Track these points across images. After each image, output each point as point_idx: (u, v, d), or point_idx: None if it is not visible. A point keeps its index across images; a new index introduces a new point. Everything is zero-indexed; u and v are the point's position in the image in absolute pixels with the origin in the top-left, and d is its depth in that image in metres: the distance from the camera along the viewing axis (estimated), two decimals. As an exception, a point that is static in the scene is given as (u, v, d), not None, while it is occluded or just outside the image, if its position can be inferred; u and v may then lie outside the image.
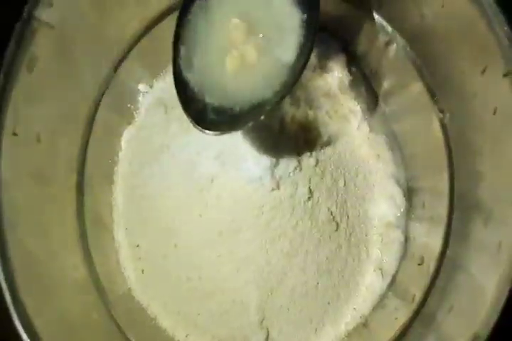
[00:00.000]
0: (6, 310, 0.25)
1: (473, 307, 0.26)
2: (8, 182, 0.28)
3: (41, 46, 0.32)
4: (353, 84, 0.39)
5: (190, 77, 0.28)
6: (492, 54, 0.29)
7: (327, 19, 0.39)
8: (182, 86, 0.28)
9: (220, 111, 0.28)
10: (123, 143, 0.40)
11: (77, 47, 0.35)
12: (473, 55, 0.30)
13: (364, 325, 0.35)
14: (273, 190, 0.33)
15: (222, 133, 0.28)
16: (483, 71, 0.30)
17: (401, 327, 0.33)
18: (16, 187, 0.29)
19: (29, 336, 0.25)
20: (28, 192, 0.31)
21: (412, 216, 0.37)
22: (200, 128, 0.27)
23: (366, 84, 0.40)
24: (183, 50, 0.29)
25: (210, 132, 0.27)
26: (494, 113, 0.29)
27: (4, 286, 0.25)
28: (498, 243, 0.27)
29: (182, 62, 0.29)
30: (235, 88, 0.28)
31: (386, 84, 0.39)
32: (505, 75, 0.28)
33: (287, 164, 0.34)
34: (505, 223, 0.27)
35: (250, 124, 0.27)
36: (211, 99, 0.28)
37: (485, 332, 0.23)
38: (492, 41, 0.28)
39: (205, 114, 0.28)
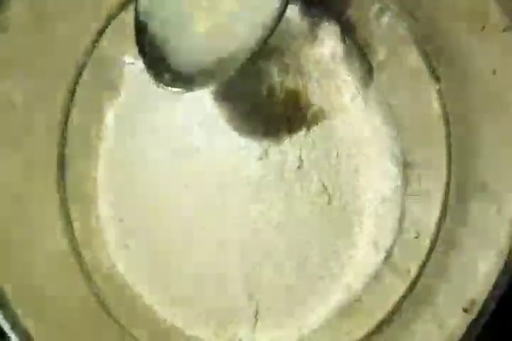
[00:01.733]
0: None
1: (468, 279, 0.25)
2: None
3: (15, 11, 0.30)
4: (347, 55, 0.38)
5: (154, 27, 0.27)
6: (490, 10, 0.27)
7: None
8: (144, 38, 0.27)
9: (185, 66, 0.26)
10: (107, 117, 0.38)
11: (54, 13, 0.33)
12: (471, 13, 0.29)
13: (357, 300, 0.34)
14: (260, 159, 0.32)
15: (188, 90, 0.26)
16: (482, 29, 0.29)
17: (395, 301, 0.31)
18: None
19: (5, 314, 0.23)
20: (6, 163, 0.30)
21: (408, 190, 0.36)
22: (162, 85, 0.26)
23: (360, 55, 0.39)
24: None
25: (176, 89, 0.26)
26: (494, 73, 0.28)
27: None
28: (493, 217, 0.26)
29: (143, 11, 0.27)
30: (204, 41, 0.26)
31: (381, 54, 0.38)
32: (504, 30, 0.27)
33: (275, 132, 0.32)
34: (501, 198, 0.26)
35: (218, 82, 0.26)
36: (176, 55, 0.27)
37: (481, 297, 0.21)
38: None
39: (168, 69, 0.26)
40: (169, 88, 0.26)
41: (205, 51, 0.26)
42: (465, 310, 0.22)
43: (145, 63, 0.27)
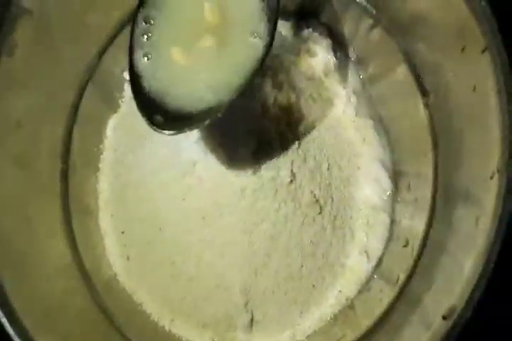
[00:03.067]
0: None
1: (451, 284, 0.26)
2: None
3: (21, 33, 0.32)
4: (338, 68, 0.39)
5: (148, 78, 0.29)
6: (470, 32, 0.29)
7: (312, 4, 0.39)
8: (139, 90, 0.28)
9: (177, 111, 0.28)
10: (108, 130, 0.40)
11: (58, 34, 0.34)
12: (453, 34, 0.31)
13: (349, 306, 0.35)
14: (254, 173, 0.33)
15: (179, 133, 0.28)
16: (463, 49, 0.30)
17: (385, 307, 0.32)
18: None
19: (7, 317, 0.24)
20: (11, 178, 0.31)
21: (398, 199, 0.37)
22: (158, 129, 0.27)
23: (351, 68, 0.40)
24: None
25: (167, 132, 0.27)
26: (474, 89, 0.29)
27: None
28: (474, 223, 0.27)
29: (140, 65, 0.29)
30: (194, 92, 0.28)
31: (371, 68, 0.39)
32: (483, 51, 0.28)
33: (269, 147, 0.34)
34: (480, 204, 0.27)
35: (206, 123, 0.27)
36: (169, 101, 0.28)
37: (460, 304, 0.23)
38: (470, 18, 0.28)
39: (160, 112, 0.28)
40: (161, 130, 0.27)
41: (196, 100, 0.28)
42: (444, 318, 0.23)
43: (138, 105, 0.28)
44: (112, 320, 0.33)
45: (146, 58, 0.29)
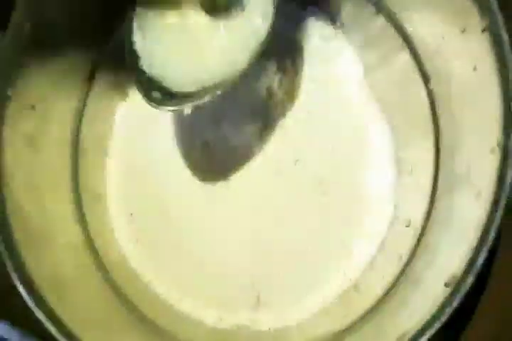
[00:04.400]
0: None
1: (452, 258, 0.27)
2: (4, 142, 0.29)
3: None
4: (341, 54, 0.40)
5: (144, 55, 0.29)
6: (470, 12, 0.29)
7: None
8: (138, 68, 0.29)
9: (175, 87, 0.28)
10: (117, 117, 0.40)
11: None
12: (453, 16, 0.31)
13: (353, 286, 0.35)
14: (260, 155, 0.34)
15: (177, 109, 0.28)
16: (463, 31, 0.31)
17: (388, 285, 0.33)
18: (11, 148, 0.29)
19: (26, 287, 0.25)
20: (26, 162, 0.32)
21: (401, 181, 0.38)
22: (155, 105, 0.28)
23: (354, 54, 0.40)
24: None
25: (165, 107, 0.28)
26: (475, 69, 0.30)
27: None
28: (475, 198, 0.28)
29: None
30: (192, 68, 0.28)
31: (373, 54, 0.40)
32: (483, 30, 0.29)
33: (274, 129, 0.34)
34: (481, 179, 0.28)
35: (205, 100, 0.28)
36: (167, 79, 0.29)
37: (459, 272, 0.24)
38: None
39: (158, 88, 0.28)
40: (158, 106, 0.28)
41: (194, 78, 0.28)
42: (446, 285, 0.24)
43: (136, 83, 0.29)
44: (123, 298, 0.33)
45: (143, 38, 0.30)
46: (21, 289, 0.25)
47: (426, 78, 0.36)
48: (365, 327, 0.33)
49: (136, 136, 0.39)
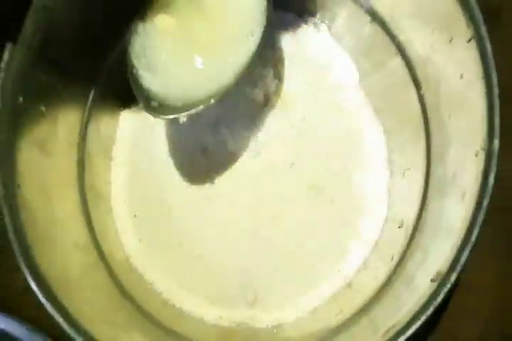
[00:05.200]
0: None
1: (441, 258, 0.28)
2: (17, 148, 0.30)
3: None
4: (337, 61, 0.41)
5: (142, 67, 0.31)
6: (457, 23, 0.31)
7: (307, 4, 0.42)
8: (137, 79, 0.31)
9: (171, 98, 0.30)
10: (120, 122, 0.42)
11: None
12: (441, 26, 0.33)
13: (347, 284, 0.37)
14: (258, 158, 0.35)
15: (173, 117, 0.30)
16: (451, 40, 0.32)
17: (381, 284, 0.34)
18: (23, 154, 0.31)
19: (37, 283, 0.27)
20: (37, 165, 0.33)
21: (394, 184, 0.39)
22: (154, 113, 0.30)
23: (348, 60, 0.42)
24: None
25: (162, 116, 0.30)
26: (461, 77, 0.31)
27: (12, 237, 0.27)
28: (461, 199, 0.29)
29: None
30: (186, 79, 0.30)
31: (367, 61, 0.41)
32: (469, 41, 0.30)
33: (271, 134, 0.36)
34: (466, 181, 0.29)
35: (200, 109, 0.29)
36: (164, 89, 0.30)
37: (444, 269, 0.25)
38: (457, 11, 0.31)
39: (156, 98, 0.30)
40: (156, 114, 0.30)
41: (189, 90, 0.30)
42: (432, 280, 0.26)
43: (135, 92, 0.31)
44: (126, 296, 0.35)
45: (141, 49, 0.32)
46: (34, 286, 0.26)
47: (417, 84, 0.37)
48: (358, 322, 0.34)
49: (139, 140, 0.40)
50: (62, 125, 0.35)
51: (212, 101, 0.29)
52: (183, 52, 0.30)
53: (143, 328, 0.34)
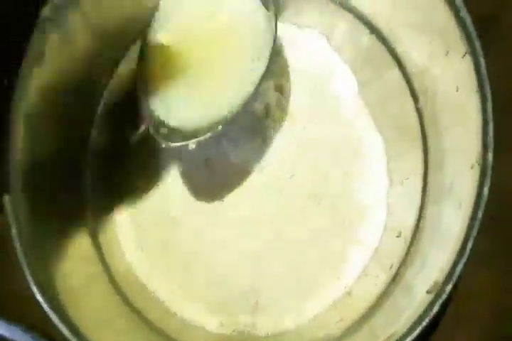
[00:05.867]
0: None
1: (437, 267, 0.29)
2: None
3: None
4: (336, 71, 0.42)
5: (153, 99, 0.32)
6: (453, 38, 0.31)
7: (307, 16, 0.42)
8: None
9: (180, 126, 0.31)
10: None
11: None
12: (438, 40, 0.33)
13: (348, 292, 0.37)
14: (259, 170, 0.36)
15: (182, 144, 0.31)
16: (447, 53, 0.33)
17: (380, 292, 0.35)
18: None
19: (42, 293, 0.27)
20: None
21: (392, 193, 0.40)
22: (163, 140, 0.31)
23: (347, 71, 0.42)
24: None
25: (171, 143, 0.31)
26: (457, 90, 0.32)
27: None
28: (457, 210, 0.30)
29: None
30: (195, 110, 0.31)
31: (366, 72, 0.42)
32: (464, 56, 0.31)
33: (271, 145, 0.37)
34: (461, 192, 0.30)
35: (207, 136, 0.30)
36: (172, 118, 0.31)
37: (440, 279, 0.26)
38: (453, 27, 0.31)
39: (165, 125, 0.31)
40: (166, 142, 0.31)
41: (197, 117, 0.31)
42: (428, 292, 0.26)
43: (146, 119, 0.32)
44: (129, 304, 0.36)
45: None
46: (39, 296, 0.27)
47: (415, 95, 0.38)
48: (358, 330, 0.35)
49: None
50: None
51: (220, 127, 0.30)
52: (191, 83, 0.31)
53: (145, 336, 0.35)
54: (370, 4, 0.38)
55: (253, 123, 0.37)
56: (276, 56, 0.40)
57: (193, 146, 0.31)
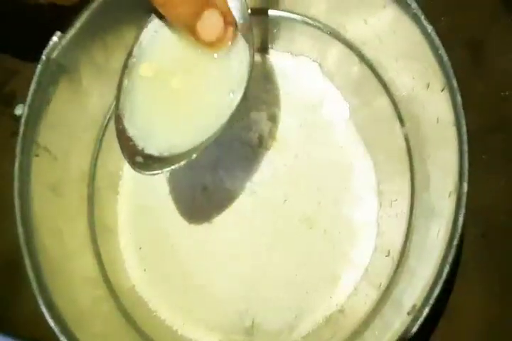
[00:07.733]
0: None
1: (421, 287, 0.31)
2: (32, 194, 0.33)
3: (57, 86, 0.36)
4: (328, 98, 0.44)
5: (128, 124, 0.31)
6: (434, 73, 0.33)
7: (300, 44, 0.45)
8: (123, 134, 0.31)
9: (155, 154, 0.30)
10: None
11: (85, 81, 0.39)
12: (420, 72, 0.35)
13: (339, 310, 0.39)
14: (253, 195, 0.39)
15: (157, 173, 0.30)
16: (428, 86, 0.35)
17: (370, 309, 0.37)
18: (38, 198, 0.34)
19: (52, 315, 0.30)
20: (49, 203, 0.36)
21: (381, 214, 0.42)
22: (137, 169, 0.30)
23: (339, 97, 0.44)
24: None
25: (146, 172, 0.30)
26: (437, 121, 0.34)
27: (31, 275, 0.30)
28: (437, 234, 0.32)
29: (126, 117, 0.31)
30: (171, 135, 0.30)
31: (356, 98, 0.44)
32: (442, 90, 0.33)
33: (265, 172, 0.39)
34: (441, 217, 0.32)
35: (182, 165, 0.29)
36: (148, 146, 0.31)
37: (419, 302, 0.28)
38: (433, 63, 0.33)
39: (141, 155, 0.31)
40: (140, 170, 0.30)
41: (173, 146, 0.30)
42: (408, 314, 0.28)
43: (121, 148, 0.31)
44: (133, 324, 0.37)
45: (128, 104, 0.32)
46: (51, 322, 0.29)
47: (402, 121, 0.40)
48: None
49: (143, 177, 0.42)
50: (73, 167, 0.38)
51: (195, 155, 0.29)
52: (170, 110, 0.31)
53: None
54: (359, 36, 0.40)
55: (247, 153, 0.40)
56: (269, 84, 0.43)
57: (167, 175, 0.30)
